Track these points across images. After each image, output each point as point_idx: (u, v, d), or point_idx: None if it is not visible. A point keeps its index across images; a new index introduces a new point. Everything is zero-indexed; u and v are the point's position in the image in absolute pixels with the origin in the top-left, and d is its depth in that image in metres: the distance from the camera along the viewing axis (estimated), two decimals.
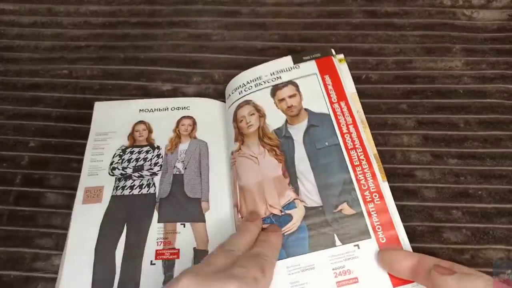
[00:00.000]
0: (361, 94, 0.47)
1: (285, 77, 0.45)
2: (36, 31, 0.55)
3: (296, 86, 0.44)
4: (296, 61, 0.46)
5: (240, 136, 0.43)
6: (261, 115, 0.44)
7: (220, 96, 0.48)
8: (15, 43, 0.54)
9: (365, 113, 0.46)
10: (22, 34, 0.54)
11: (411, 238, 0.37)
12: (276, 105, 0.44)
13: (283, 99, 0.44)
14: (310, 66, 0.45)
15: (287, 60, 0.46)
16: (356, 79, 0.49)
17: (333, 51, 0.46)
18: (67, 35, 0.54)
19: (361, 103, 0.46)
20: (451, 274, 0.29)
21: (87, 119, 0.46)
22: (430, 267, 0.30)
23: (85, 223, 0.40)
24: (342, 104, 0.43)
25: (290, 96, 0.44)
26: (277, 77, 0.45)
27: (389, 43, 0.52)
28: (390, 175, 0.43)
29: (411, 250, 0.35)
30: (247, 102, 0.44)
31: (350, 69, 0.49)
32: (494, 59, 0.50)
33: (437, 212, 0.41)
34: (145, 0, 0.57)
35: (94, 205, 0.41)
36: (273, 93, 0.44)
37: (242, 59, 0.51)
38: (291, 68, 0.46)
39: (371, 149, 0.40)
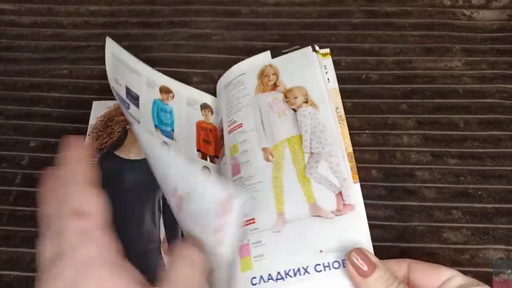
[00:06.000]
0: (361, 94, 0.48)
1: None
2: (36, 31, 0.55)
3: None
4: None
5: None
6: None
7: None
8: (15, 43, 0.54)
9: (365, 113, 0.46)
10: (22, 34, 0.54)
11: (411, 238, 0.37)
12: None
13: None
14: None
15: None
16: (356, 79, 0.49)
17: (316, 46, 0.45)
18: (67, 35, 0.54)
19: (361, 103, 0.46)
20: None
21: (87, 119, 0.46)
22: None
23: None
24: None
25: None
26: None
27: (389, 43, 0.52)
28: (390, 175, 0.43)
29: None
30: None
31: (350, 69, 0.49)
32: (494, 59, 0.50)
33: (437, 212, 0.41)
34: (145, 0, 0.57)
35: None
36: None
37: (242, 59, 0.51)
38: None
39: (346, 149, 0.38)
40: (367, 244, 0.34)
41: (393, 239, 0.39)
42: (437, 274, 0.30)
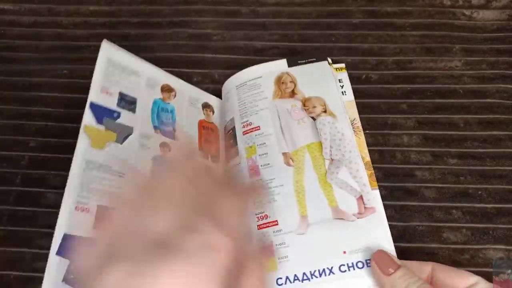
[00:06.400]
0: (361, 94, 0.47)
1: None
2: (36, 31, 0.55)
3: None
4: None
5: None
6: None
7: (220, 96, 0.48)
8: (15, 43, 0.54)
9: (365, 113, 0.46)
10: (22, 34, 0.54)
11: (411, 238, 0.37)
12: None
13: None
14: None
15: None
16: (356, 79, 0.49)
17: (329, 59, 0.46)
18: (67, 35, 0.54)
19: (361, 103, 0.46)
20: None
21: None
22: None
23: None
24: None
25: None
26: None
27: (389, 43, 0.52)
28: (390, 175, 0.43)
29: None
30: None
31: (350, 69, 0.49)
32: (494, 59, 0.50)
33: (437, 212, 0.41)
34: (145, 0, 0.57)
35: None
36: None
37: (242, 59, 0.51)
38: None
39: (363, 158, 0.41)
40: (389, 244, 0.36)
41: (393, 239, 0.39)
42: (462, 278, 0.31)
